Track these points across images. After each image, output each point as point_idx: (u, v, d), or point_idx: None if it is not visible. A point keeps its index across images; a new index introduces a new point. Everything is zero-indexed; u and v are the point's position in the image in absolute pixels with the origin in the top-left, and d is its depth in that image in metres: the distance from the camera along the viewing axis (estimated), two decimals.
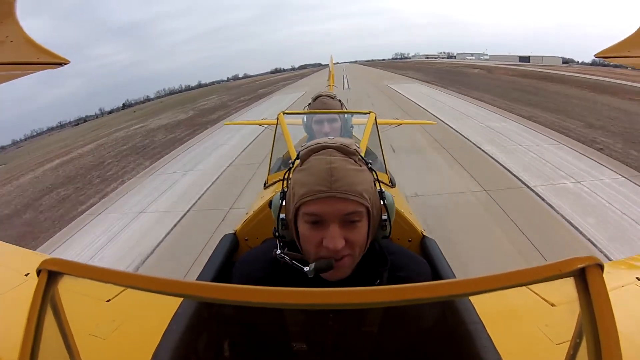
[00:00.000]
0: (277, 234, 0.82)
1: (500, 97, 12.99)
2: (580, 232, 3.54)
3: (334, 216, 0.69)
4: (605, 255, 3.09)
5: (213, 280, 0.98)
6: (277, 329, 0.74)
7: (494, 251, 3.30)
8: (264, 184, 1.70)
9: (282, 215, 0.80)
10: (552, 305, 1.01)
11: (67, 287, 0.45)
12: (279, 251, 0.78)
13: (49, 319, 0.44)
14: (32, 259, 1.36)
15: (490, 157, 5.98)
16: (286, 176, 0.83)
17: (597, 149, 6.19)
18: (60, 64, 1.07)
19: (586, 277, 0.39)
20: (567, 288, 0.40)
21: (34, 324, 0.43)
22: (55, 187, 7.61)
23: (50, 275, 0.44)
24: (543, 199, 4.31)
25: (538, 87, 16.43)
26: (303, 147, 0.78)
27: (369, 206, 0.72)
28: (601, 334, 0.37)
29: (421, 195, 4.52)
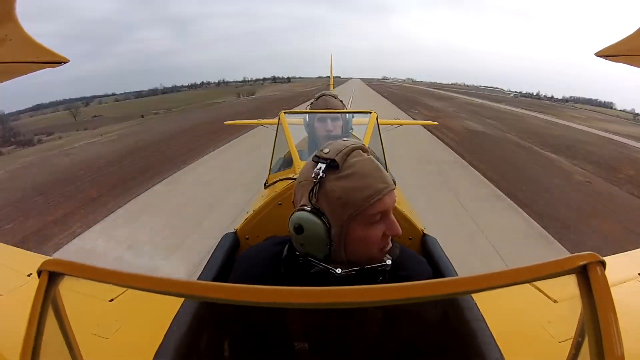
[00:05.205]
0: (329, 250, 0.72)
1: (379, 88, 55.74)
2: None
3: (392, 207, 0.75)
4: None
5: (214, 280, 0.97)
6: (278, 328, 0.74)
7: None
8: (264, 184, 1.69)
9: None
10: (555, 301, 1.00)
11: (69, 287, 0.45)
12: (334, 269, 0.73)
13: (51, 320, 0.44)
14: (35, 260, 1.36)
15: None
16: (315, 189, 0.72)
17: (369, 84, 79.77)
18: (60, 63, 1.07)
19: (588, 274, 0.39)
20: (569, 285, 0.40)
21: (35, 324, 0.42)
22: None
23: (51, 276, 0.44)
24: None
25: (405, 89, 55.83)
26: (335, 152, 0.73)
27: None
28: (603, 330, 0.37)
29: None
